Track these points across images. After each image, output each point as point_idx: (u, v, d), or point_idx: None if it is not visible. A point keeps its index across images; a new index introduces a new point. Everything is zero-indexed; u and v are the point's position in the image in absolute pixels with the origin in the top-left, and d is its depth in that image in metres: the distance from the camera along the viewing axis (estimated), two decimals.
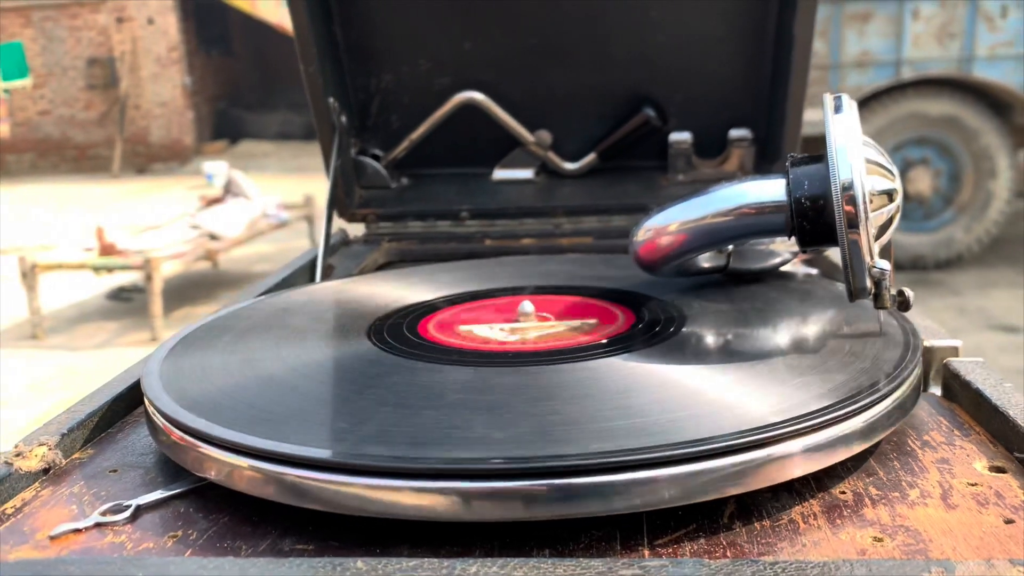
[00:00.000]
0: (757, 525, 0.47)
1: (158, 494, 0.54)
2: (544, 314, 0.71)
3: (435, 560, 0.41)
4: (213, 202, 4.94)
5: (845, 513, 0.48)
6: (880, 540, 0.45)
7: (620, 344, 0.63)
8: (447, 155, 1.21)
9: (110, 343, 4.13)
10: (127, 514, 0.51)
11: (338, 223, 1.17)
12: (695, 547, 0.45)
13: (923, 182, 4.24)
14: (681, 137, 1.15)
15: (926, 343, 0.65)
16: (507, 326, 0.69)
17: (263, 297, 0.81)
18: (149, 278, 4.04)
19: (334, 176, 1.12)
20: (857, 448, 0.51)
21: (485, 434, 0.49)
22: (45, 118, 9.91)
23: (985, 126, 4.18)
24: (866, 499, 0.49)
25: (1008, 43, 4.11)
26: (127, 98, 9.61)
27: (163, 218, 5.00)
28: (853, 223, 0.59)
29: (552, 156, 1.19)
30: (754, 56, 1.11)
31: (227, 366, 0.64)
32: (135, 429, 0.65)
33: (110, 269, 4.34)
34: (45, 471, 0.58)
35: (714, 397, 0.53)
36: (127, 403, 0.68)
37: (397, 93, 1.18)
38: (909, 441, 0.56)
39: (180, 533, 0.49)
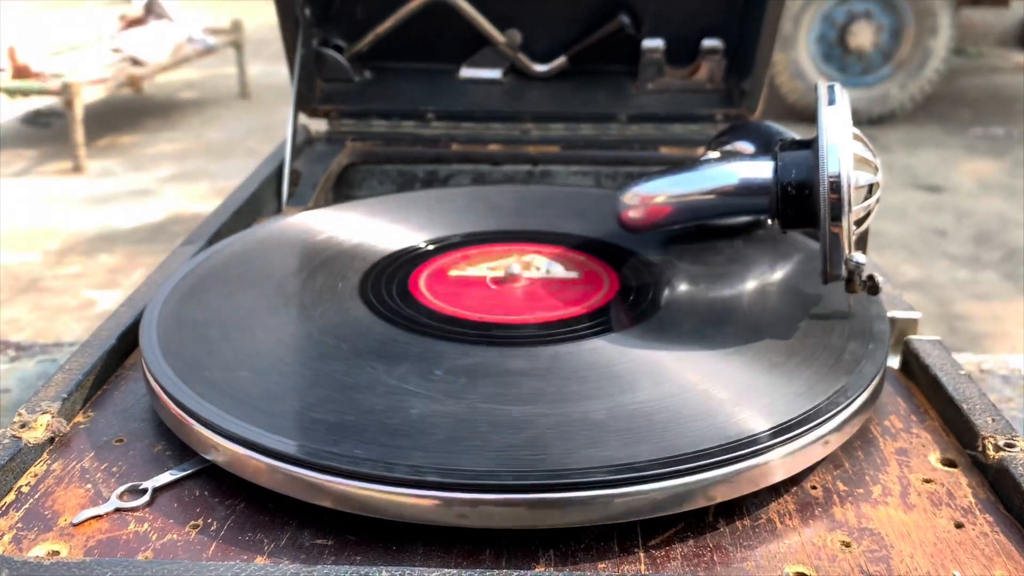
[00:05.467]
0: (739, 524, 0.52)
1: (171, 475, 0.56)
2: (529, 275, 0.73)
3: (453, 571, 0.45)
4: (134, 23, 4.66)
5: (816, 512, 0.53)
6: (848, 545, 0.50)
7: (606, 319, 0.66)
8: (412, 49, 1.18)
9: (30, 171, 3.98)
10: (146, 498, 0.54)
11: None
12: (685, 549, 0.50)
13: (864, 36, 4.25)
14: (654, 44, 1.14)
15: (887, 314, 0.69)
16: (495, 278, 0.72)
17: (239, 237, 0.80)
18: (69, 104, 3.86)
19: (298, 70, 1.09)
20: (834, 445, 0.56)
21: (491, 443, 0.52)
22: None
23: None
24: (834, 496, 0.55)
25: None
26: None
27: (79, 37, 4.70)
28: (836, 217, 0.62)
29: (521, 57, 1.16)
30: None
31: (229, 336, 0.64)
32: (131, 386, 0.66)
33: (25, 93, 4.12)
34: (50, 440, 0.59)
35: (703, 396, 0.56)
36: (119, 354, 0.69)
37: None
38: (871, 428, 0.61)
39: (200, 522, 0.52)
